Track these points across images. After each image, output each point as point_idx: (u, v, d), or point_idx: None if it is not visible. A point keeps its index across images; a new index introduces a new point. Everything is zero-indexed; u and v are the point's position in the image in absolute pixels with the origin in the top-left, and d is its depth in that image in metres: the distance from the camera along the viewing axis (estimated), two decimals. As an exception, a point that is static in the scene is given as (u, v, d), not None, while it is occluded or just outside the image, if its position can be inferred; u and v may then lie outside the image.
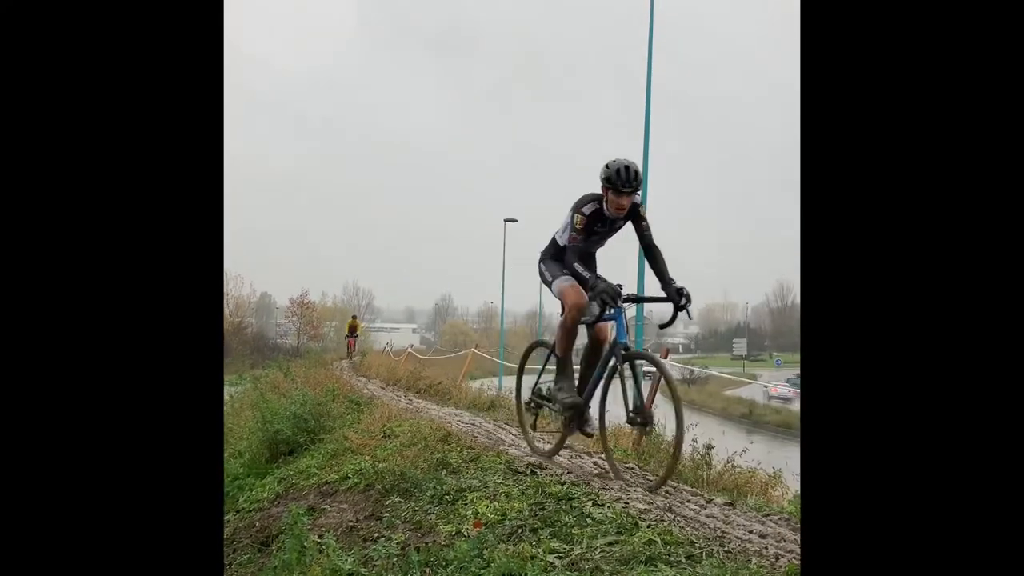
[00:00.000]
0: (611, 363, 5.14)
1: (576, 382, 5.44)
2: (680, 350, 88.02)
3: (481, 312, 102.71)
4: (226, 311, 60.97)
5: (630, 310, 6.02)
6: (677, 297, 4.97)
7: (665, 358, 7.98)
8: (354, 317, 33.38)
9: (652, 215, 5.35)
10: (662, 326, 5.36)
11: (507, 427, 7.90)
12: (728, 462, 6.72)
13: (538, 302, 64.23)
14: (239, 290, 63.14)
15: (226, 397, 18.06)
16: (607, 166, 4.96)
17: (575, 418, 5.40)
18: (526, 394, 6.07)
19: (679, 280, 5.04)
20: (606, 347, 5.22)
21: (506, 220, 40.65)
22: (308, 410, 9.04)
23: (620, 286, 4.93)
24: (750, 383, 32.73)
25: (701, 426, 7.94)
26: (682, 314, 5.06)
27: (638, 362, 5.28)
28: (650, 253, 5.17)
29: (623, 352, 5.06)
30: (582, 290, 5.09)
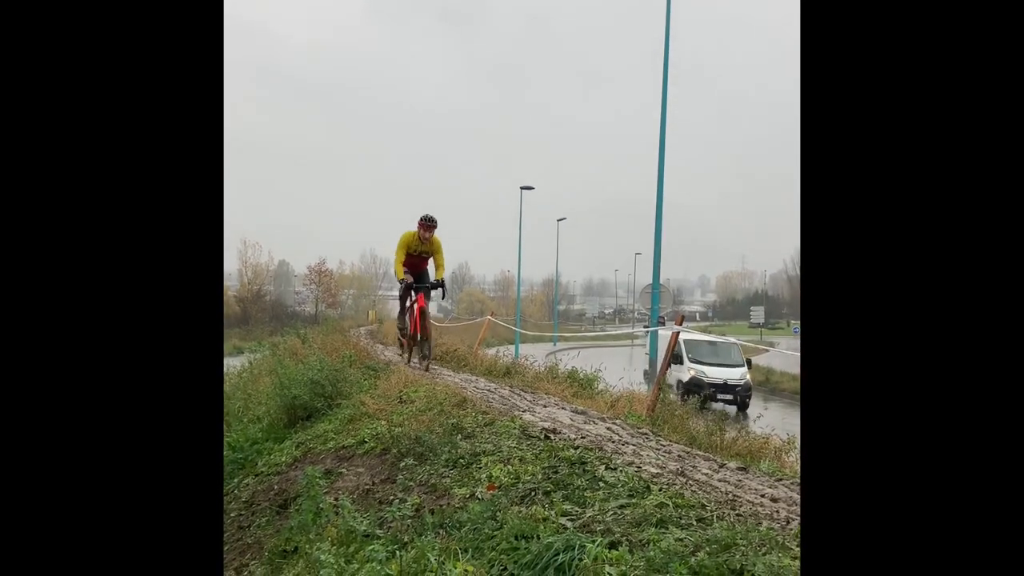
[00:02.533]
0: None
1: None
2: (697, 318, 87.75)
3: (498, 280, 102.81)
4: (244, 279, 61.35)
5: None
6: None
7: (680, 324, 7.98)
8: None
9: (669, 186, 5.37)
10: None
11: (522, 393, 7.94)
12: (742, 428, 6.75)
13: (555, 270, 64.26)
14: (257, 258, 63.39)
15: (245, 363, 18.24)
16: None
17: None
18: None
19: (700, 248, 5.08)
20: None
21: (522, 188, 40.58)
22: (325, 376, 9.11)
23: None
24: (767, 350, 32.61)
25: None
26: (701, 281, 5.11)
27: None
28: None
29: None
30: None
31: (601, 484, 3.89)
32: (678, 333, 7.67)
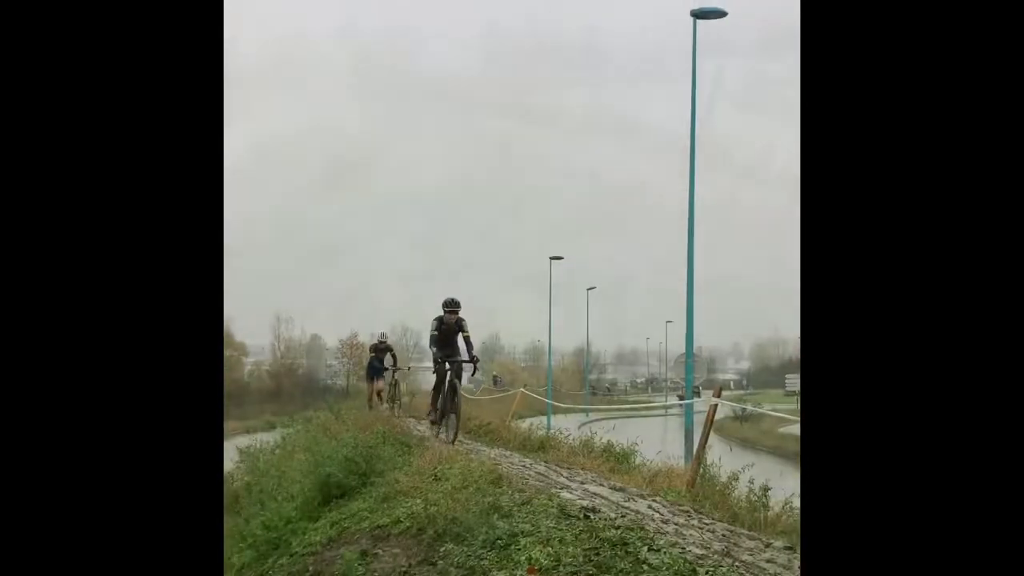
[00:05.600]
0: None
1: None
2: (731, 386, 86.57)
3: (528, 350, 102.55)
4: (277, 353, 61.91)
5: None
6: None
7: (718, 396, 7.86)
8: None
9: (700, 258, 5.40)
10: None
11: (558, 468, 7.84)
12: (786, 504, 6.55)
13: (585, 339, 64.08)
14: (290, 332, 64.06)
15: (278, 439, 18.24)
16: None
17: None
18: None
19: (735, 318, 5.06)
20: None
21: (551, 258, 40.81)
22: (359, 452, 9.06)
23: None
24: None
25: (758, 466, 7.78)
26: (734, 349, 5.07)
27: None
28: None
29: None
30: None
31: (645, 567, 3.80)
32: (716, 406, 7.56)
